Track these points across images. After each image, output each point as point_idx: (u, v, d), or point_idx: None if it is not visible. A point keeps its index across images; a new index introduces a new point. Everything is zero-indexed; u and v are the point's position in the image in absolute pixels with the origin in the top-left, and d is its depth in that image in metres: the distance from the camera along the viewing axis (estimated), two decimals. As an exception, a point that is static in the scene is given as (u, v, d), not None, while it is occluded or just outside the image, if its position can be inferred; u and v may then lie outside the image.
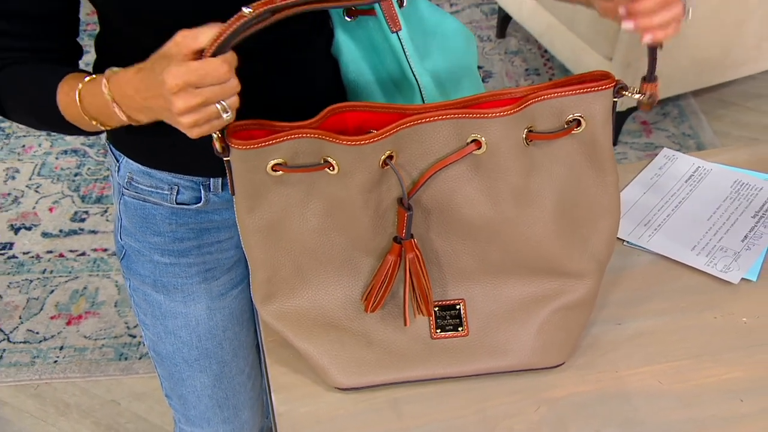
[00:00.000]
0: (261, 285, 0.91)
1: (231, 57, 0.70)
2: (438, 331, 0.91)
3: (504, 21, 3.17)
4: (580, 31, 2.66)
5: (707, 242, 1.04)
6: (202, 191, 1.04)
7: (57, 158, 2.61)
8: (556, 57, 2.82)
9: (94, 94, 0.81)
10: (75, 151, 2.64)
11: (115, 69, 0.80)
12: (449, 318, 0.92)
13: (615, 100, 0.84)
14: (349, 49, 1.03)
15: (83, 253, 2.27)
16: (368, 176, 0.82)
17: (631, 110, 2.60)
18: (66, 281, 2.18)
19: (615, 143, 2.49)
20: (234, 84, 0.72)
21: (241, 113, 0.76)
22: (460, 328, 0.91)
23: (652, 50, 0.81)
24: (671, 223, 1.08)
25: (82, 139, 2.68)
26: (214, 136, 0.79)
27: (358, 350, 0.92)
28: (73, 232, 2.34)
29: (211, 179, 1.03)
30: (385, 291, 0.88)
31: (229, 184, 0.84)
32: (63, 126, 0.89)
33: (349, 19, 1.01)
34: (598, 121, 0.84)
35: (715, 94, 2.81)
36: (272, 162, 0.81)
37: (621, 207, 1.00)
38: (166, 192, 1.04)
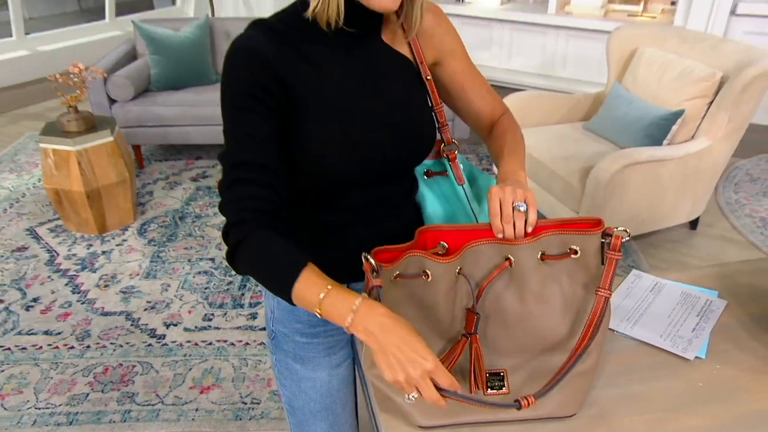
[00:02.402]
0: (369, 356, 0.89)
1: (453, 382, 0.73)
2: (489, 390, 0.90)
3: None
4: (555, 193, 2.70)
5: (669, 332, 1.04)
6: None
7: (194, 277, 2.65)
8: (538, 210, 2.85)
9: (337, 304, 0.76)
10: (206, 272, 2.68)
11: (360, 303, 0.75)
12: (496, 381, 0.91)
13: (603, 241, 0.85)
14: (429, 197, 1.07)
15: (210, 343, 2.27)
16: (449, 283, 0.85)
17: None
18: (199, 362, 2.18)
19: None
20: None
21: (363, 240, 0.84)
22: (503, 388, 0.90)
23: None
24: (644, 318, 1.08)
25: (211, 263, 2.73)
26: (365, 261, 0.81)
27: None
28: (204, 328, 2.35)
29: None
30: (452, 366, 0.88)
31: (365, 288, 0.83)
32: (278, 291, 0.82)
33: (427, 178, 1.08)
34: (590, 251, 0.86)
35: (647, 239, 2.87)
36: (395, 273, 0.84)
37: (613, 305, 1.04)
38: None
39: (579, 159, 2.66)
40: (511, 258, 0.86)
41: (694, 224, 2.92)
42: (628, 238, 0.84)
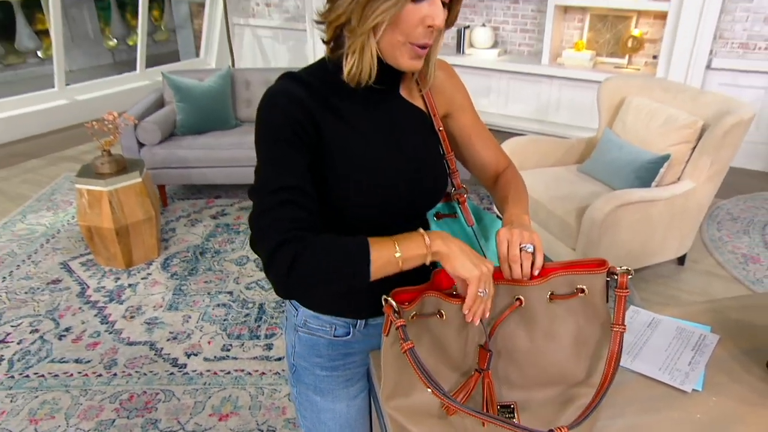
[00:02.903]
0: (387, 388, 0.89)
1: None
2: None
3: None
4: (553, 231, 2.71)
5: (667, 365, 1.03)
6: (351, 328, 1.04)
7: (213, 309, 2.64)
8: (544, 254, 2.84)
9: (410, 243, 0.82)
10: (224, 305, 2.67)
11: (426, 232, 0.83)
12: (507, 413, 0.91)
13: (607, 279, 0.86)
14: None
15: (228, 372, 2.25)
16: (462, 322, 0.85)
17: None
18: (218, 391, 2.16)
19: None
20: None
21: (381, 282, 0.82)
22: (513, 419, 0.90)
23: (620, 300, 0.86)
24: (643, 352, 1.07)
25: (229, 296, 2.74)
26: (385, 303, 0.82)
27: None
28: (223, 358, 2.33)
29: (357, 320, 1.04)
30: (467, 398, 0.88)
31: (384, 326, 0.83)
32: (352, 276, 0.81)
33: (437, 220, 1.07)
34: (596, 290, 0.86)
35: (639, 275, 2.84)
36: (413, 313, 0.84)
37: None
38: (327, 329, 1.05)
39: (574, 199, 2.67)
40: (522, 298, 0.87)
41: (681, 260, 2.92)
42: (631, 276, 0.85)
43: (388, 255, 0.80)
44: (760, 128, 4.01)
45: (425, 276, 0.90)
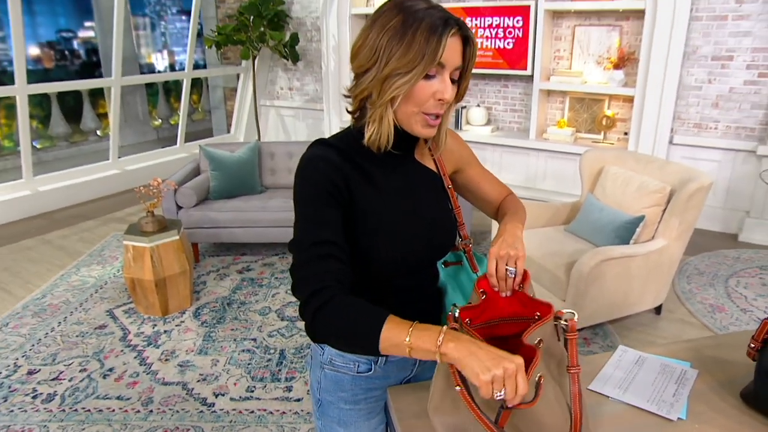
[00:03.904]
0: (433, 401, 0.85)
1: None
2: None
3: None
4: (544, 284, 2.71)
5: (654, 397, 1.03)
6: (372, 365, 1.04)
7: (239, 354, 2.62)
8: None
9: (424, 335, 0.74)
10: (249, 350, 2.65)
11: (446, 330, 0.74)
12: None
13: (555, 323, 0.81)
14: (448, 282, 1.07)
15: (252, 411, 2.21)
16: None
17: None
18: (243, 428, 2.12)
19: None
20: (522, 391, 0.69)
21: (400, 316, 0.79)
22: None
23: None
24: (632, 386, 1.07)
25: (253, 343, 2.71)
26: (451, 313, 0.80)
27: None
28: (247, 398, 2.30)
29: (379, 358, 1.03)
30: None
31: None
32: (364, 342, 0.79)
33: (445, 267, 1.08)
34: (548, 336, 0.81)
35: (621, 323, 2.82)
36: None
37: (603, 377, 1.01)
38: (351, 366, 1.04)
39: (563, 255, 2.70)
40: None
41: (658, 310, 2.90)
42: (576, 318, 0.81)
43: (398, 339, 0.76)
44: (717, 194, 4.08)
45: (436, 312, 0.90)
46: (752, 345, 0.99)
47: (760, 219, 3.89)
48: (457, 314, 0.82)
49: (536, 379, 0.73)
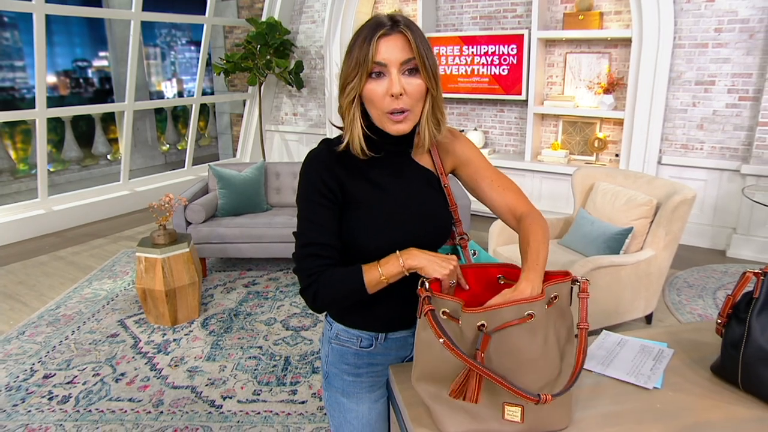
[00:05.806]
0: (416, 370, 0.92)
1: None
2: (507, 416, 0.90)
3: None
4: None
5: (633, 371, 1.10)
6: (374, 341, 1.10)
7: (245, 361, 2.67)
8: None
9: (389, 264, 0.93)
10: (255, 357, 2.70)
11: (400, 253, 0.93)
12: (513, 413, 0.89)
13: (572, 286, 0.91)
14: None
15: (259, 413, 2.26)
16: (474, 330, 0.86)
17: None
18: (249, 428, 2.17)
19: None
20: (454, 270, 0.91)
21: (395, 304, 0.95)
22: (518, 419, 0.89)
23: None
24: (615, 362, 1.14)
25: (259, 350, 2.76)
26: (420, 285, 0.89)
27: (461, 413, 0.91)
28: (254, 401, 2.35)
29: (379, 334, 1.09)
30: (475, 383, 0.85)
31: (418, 311, 0.88)
32: (357, 293, 0.95)
33: None
34: (564, 296, 0.90)
35: (612, 331, 2.72)
36: (443, 309, 0.87)
37: (587, 356, 1.05)
38: (355, 341, 1.10)
39: (557, 266, 2.77)
40: (533, 313, 0.86)
41: (649, 319, 2.96)
42: (588, 281, 0.92)
43: (374, 276, 0.94)
44: (705, 212, 4.18)
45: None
46: (719, 321, 1.07)
47: (746, 235, 3.98)
48: (427, 286, 0.91)
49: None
